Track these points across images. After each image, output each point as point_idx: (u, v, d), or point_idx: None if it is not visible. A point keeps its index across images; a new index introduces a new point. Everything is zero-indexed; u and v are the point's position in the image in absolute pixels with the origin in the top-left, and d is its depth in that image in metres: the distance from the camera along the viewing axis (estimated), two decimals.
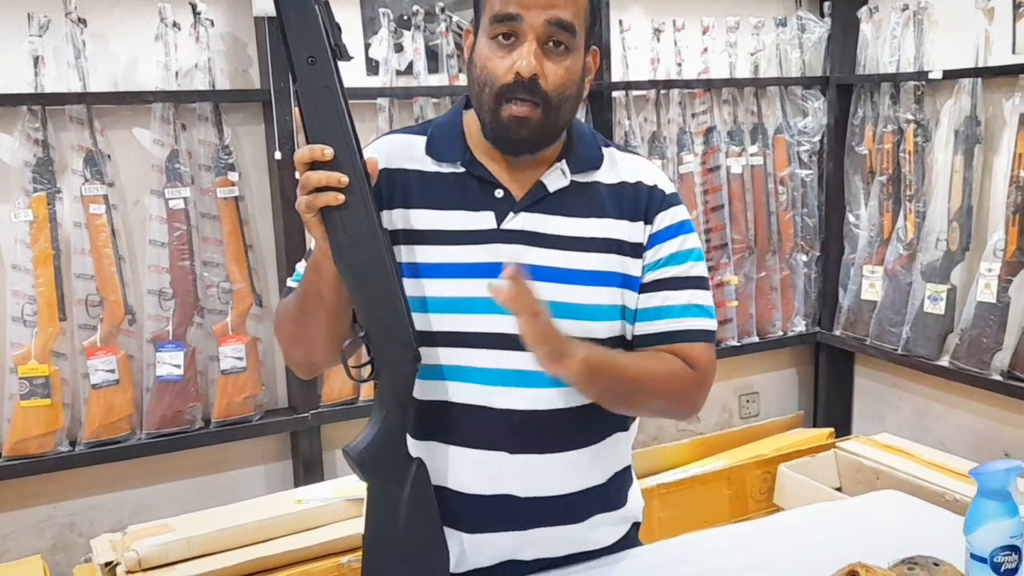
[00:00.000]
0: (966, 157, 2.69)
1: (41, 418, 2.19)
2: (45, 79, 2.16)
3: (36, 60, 2.14)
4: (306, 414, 2.47)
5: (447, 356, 1.21)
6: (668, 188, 1.30)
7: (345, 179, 1.06)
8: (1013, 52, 2.60)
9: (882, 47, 2.94)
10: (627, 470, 1.36)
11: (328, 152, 1.06)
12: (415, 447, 1.22)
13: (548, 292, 1.20)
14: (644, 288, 1.27)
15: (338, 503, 2.21)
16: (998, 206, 2.65)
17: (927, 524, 1.38)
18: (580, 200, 1.24)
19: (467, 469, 1.22)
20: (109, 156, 2.28)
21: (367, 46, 2.54)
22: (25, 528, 2.32)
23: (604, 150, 1.29)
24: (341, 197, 1.06)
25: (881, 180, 2.94)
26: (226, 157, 2.37)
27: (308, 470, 2.53)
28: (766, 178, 3.06)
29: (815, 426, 3.31)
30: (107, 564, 2.05)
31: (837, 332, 3.16)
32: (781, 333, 3.16)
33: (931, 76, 2.72)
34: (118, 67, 2.30)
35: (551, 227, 1.23)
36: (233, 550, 2.08)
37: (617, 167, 1.29)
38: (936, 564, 1.16)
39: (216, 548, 2.07)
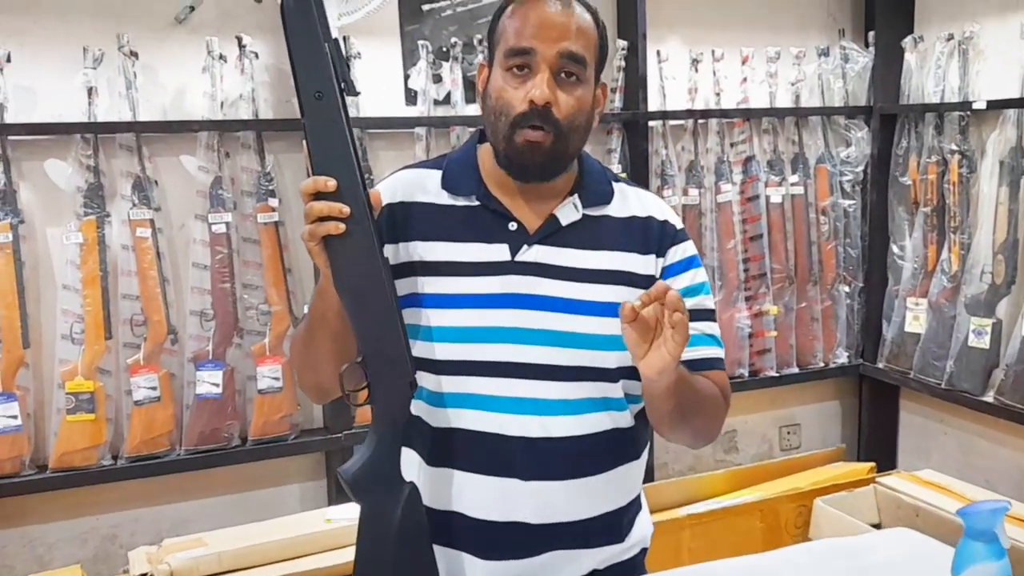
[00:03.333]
0: (1012, 189, 2.63)
1: (86, 432, 2.27)
2: (98, 108, 2.26)
3: (90, 91, 2.25)
4: (339, 435, 2.52)
5: (461, 384, 1.24)
6: (678, 224, 1.34)
7: (347, 209, 1.09)
8: None
9: (927, 77, 2.90)
10: (638, 498, 1.38)
11: (331, 183, 1.09)
12: (428, 475, 1.26)
13: (561, 323, 1.23)
14: None
15: None
16: None
17: (936, 563, 1.35)
18: (591, 233, 1.27)
19: (480, 495, 1.25)
20: (156, 182, 2.37)
21: (406, 77, 2.60)
22: (69, 538, 2.41)
23: (614, 185, 1.33)
24: (342, 226, 1.09)
25: (925, 211, 2.89)
26: (267, 184, 2.44)
27: (341, 489, 2.55)
28: (807, 208, 3.03)
29: (859, 460, 3.25)
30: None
31: (880, 365, 3.10)
32: (823, 364, 3.12)
33: (975, 106, 2.68)
34: (167, 97, 2.40)
35: (564, 259, 1.26)
36: (262, 566, 2.13)
37: (628, 202, 1.32)
38: None
39: (246, 564, 2.12)
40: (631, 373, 1.28)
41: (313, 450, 2.58)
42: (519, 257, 1.25)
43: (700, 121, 2.89)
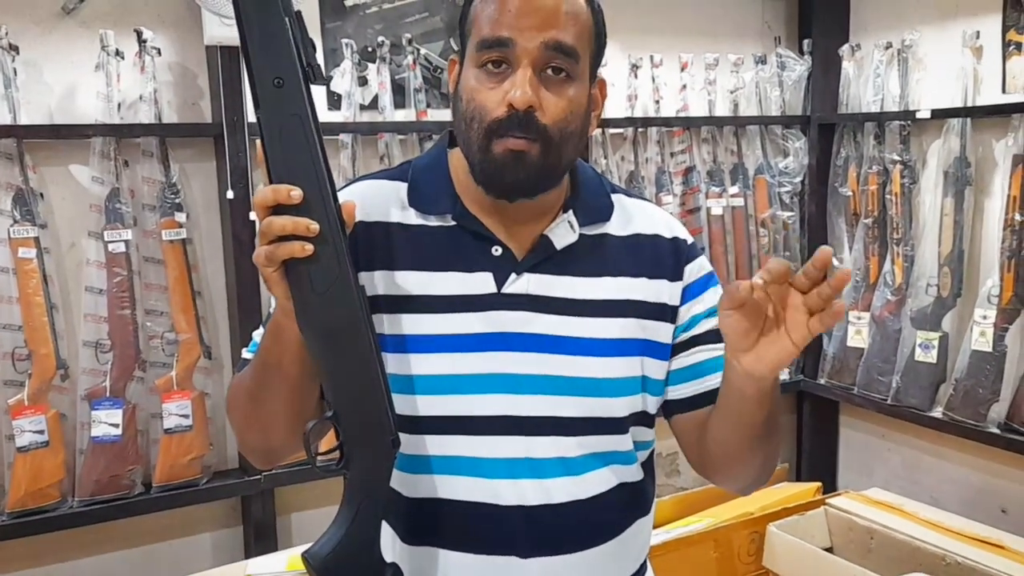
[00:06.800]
0: (956, 199, 2.58)
1: None
2: None
3: None
4: (258, 476, 2.28)
5: (442, 445, 1.03)
6: (688, 238, 1.16)
7: (315, 226, 0.88)
8: (1003, 91, 2.52)
9: (865, 86, 2.85)
10: (646, 560, 1.19)
11: (296, 194, 0.88)
12: (406, 554, 1.05)
13: (560, 366, 1.04)
14: (679, 348, 1.11)
15: None
16: (991, 250, 2.55)
17: None
18: (591, 257, 1.08)
19: None
20: (41, 195, 2.10)
21: (329, 79, 2.38)
22: None
23: (612, 197, 1.14)
24: (310, 248, 0.88)
25: (866, 223, 2.83)
26: (173, 196, 2.19)
27: (260, 537, 2.33)
28: (747, 220, 2.94)
29: (798, 478, 3.17)
30: None
31: (822, 381, 3.03)
32: None
33: (919, 116, 2.63)
34: (53, 98, 2.12)
35: (560, 290, 1.06)
36: None
37: (630, 217, 1.13)
38: None
39: None
40: (642, 419, 1.09)
41: (228, 495, 2.32)
42: (506, 289, 1.04)
43: (640, 130, 2.76)
